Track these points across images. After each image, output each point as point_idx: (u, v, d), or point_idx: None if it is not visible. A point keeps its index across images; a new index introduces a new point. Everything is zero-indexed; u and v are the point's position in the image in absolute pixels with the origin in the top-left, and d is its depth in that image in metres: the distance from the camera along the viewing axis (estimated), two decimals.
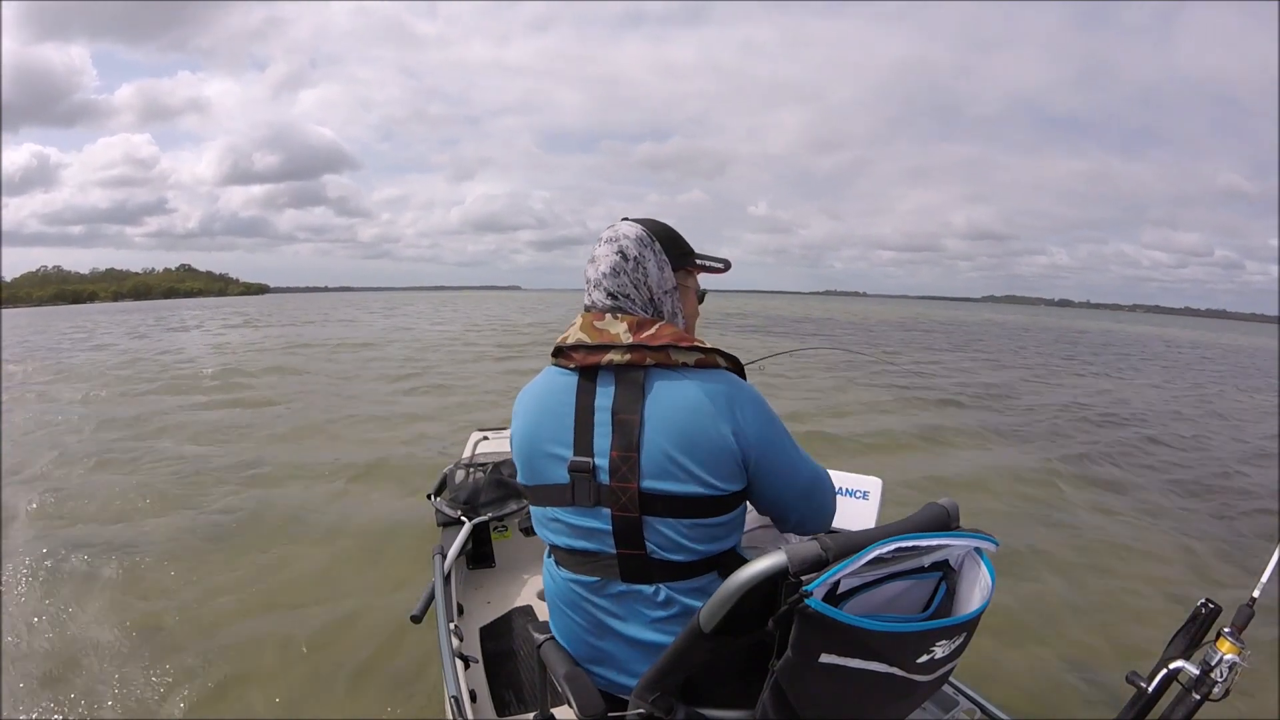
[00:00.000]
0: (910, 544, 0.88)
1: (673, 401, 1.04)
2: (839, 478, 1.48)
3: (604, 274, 1.13)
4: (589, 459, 1.06)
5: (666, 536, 1.04)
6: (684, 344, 1.06)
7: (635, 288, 1.13)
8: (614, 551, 1.06)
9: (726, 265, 1.25)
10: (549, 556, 1.18)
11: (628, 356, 1.05)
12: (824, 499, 1.16)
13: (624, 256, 1.13)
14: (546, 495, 1.12)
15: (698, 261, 1.23)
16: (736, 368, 1.11)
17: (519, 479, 1.18)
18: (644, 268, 1.14)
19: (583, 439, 1.07)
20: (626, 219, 1.19)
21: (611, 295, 1.12)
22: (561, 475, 1.08)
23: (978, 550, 0.95)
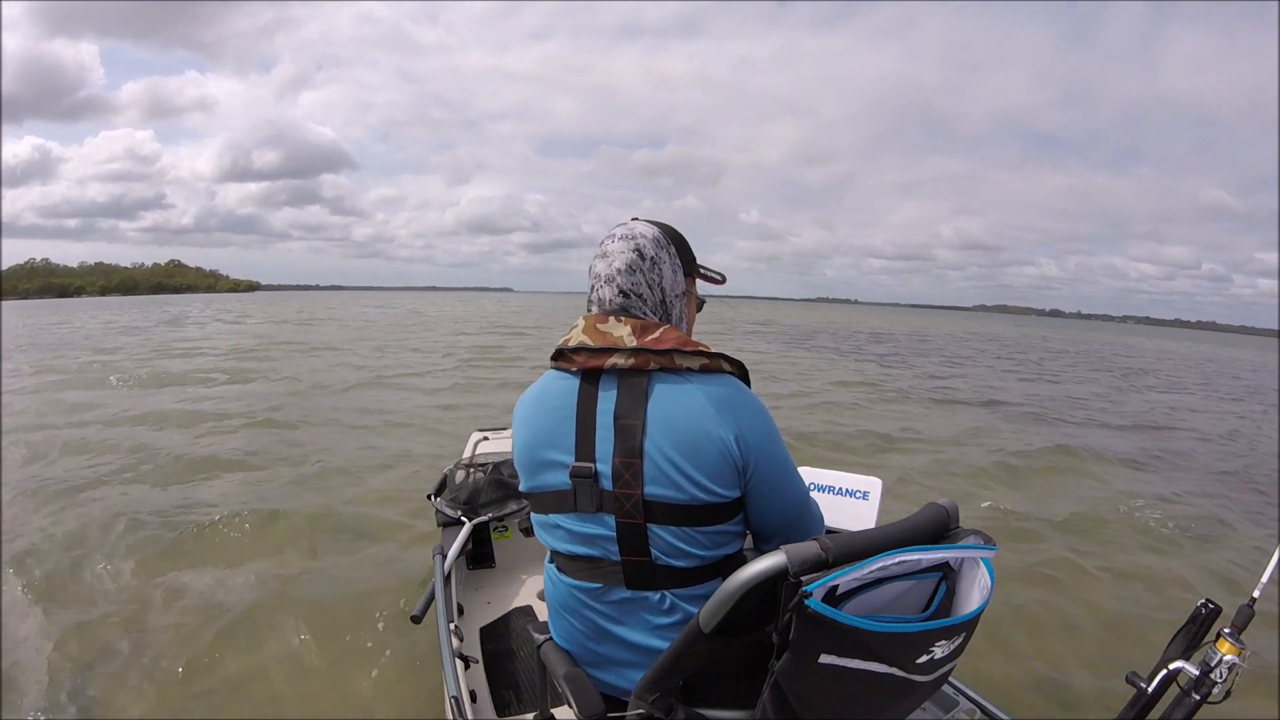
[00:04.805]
0: (914, 557, 0.88)
1: (675, 406, 1.02)
2: (838, 478, 1.47)
3: (619, 270, 1.11)
4: (590, 464, 1.04)
5: (670, 543, 1.03)
6: (688, 348, 1.04)
7: (649, 288, 1.11)
8: (618, 559, 1.05)
9: (723, 278, 1.24)
10: (550, 561, 1.16)
11: (631, 360, 1.03)
12: (810, 527, 1.12)
13: (641, 255, 1.11)
14: (548, 501, 1.10)
15: (701, 270, 1.22)
16: (742, 374, 1.09)
17: (520, 485, 1.16)
18: (660, 269, 1.12)
19: (584, 444, 1.05)
20: (638, 219, 1.17)
21: (624, 293, 1.10)
22: (563, 481, 1.06)
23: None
